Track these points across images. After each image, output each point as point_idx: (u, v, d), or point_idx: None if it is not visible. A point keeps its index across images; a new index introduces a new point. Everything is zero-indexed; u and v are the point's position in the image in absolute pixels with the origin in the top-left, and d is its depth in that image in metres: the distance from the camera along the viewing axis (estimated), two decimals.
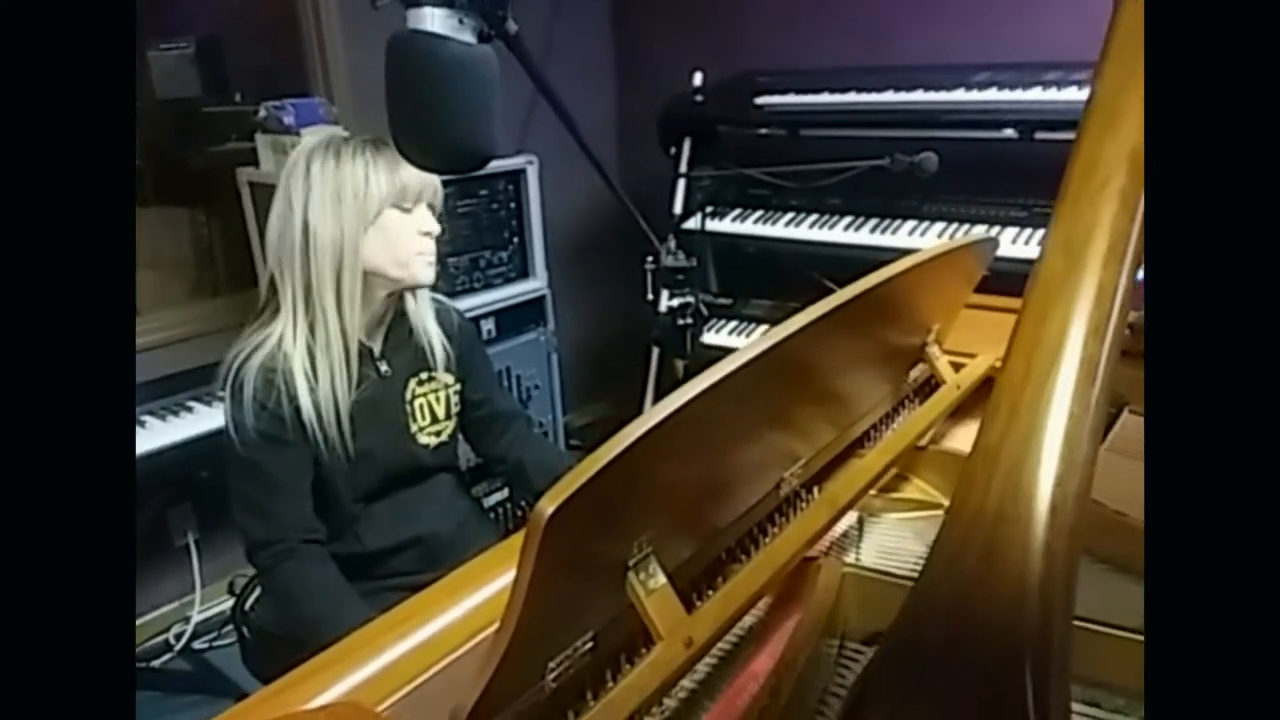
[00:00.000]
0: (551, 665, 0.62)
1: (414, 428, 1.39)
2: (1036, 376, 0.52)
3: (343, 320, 1.25)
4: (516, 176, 2.39)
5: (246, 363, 1.24)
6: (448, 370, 1.43)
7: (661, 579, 0.66)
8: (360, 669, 0.78)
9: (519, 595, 0.54)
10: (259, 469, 1.25)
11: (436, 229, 1.30)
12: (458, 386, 1.45)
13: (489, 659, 0.56)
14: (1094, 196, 0.54)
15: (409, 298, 1.38)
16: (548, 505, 0.52)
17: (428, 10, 0.73)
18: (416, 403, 1.40)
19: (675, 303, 1.66)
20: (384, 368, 1.36)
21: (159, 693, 2.20)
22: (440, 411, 1.42)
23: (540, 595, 0.54)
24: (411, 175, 1.24)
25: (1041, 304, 0.55)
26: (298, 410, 1.23)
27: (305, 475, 1.28)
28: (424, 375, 1.40)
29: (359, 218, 1.23)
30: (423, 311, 1.40)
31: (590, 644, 0.65)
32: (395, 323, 1.38)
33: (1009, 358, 0.55)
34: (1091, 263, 0.53)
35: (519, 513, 2.48)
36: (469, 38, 0.76)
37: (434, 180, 1.28)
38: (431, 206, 1.31)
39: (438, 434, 1.43)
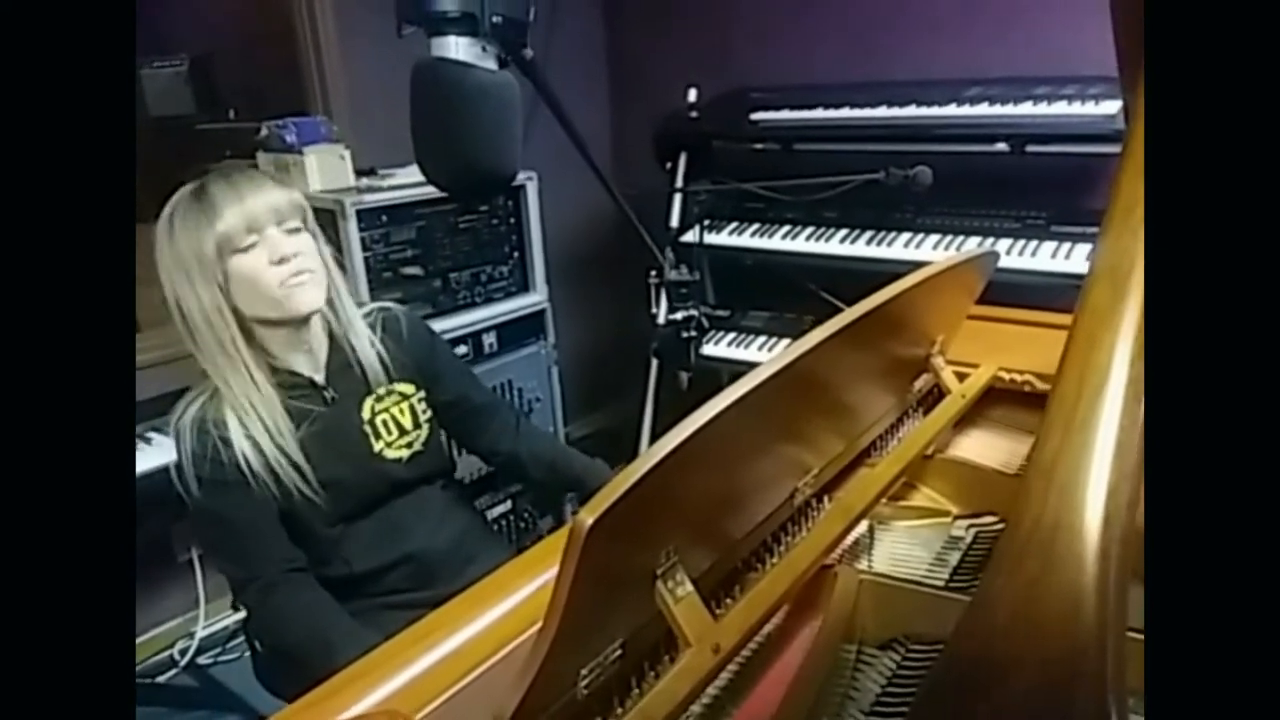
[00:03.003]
0: (584, 672, 0.64)
1: (379, 446, 1.36)
2: (1088, 396, 0.55)
3: (251, 375, 1.22)
4: (516, 192, 2.41)
5: (182, 417, 1.23)
6: (405, 380, 1.40)
7: (689, 587, 0.68)
8: (387, 683, 0.79)
9: (559, 602, 0.56)
10: (217, 515, 1.24)
11: (292, 249, 1.20)
12: (421, 394, 1.42)
13: (527, 667, 0.58)
14: (1136, 231, 0.59)
15: (332, 321, 1.34)
16: (588, 516, 0.54)
17: (452, 39, 0.76)
18: (378, 420, 1.36)
19: (678, 316, 1.70)
20: (330, 394, 1.33)
21: (164, 708, 2.20)
22: (406, 422, 1.39)
23: (578, 603, 0.57)
24: (231, 217, 1.16)
25: (1090, 330, 0.59)
26: (235, 457, 1.21)
27: (266, 512, 1.25)
28: (380, 391, 1.37)
29: (208, 283, 1.18)
30: (347, 329, 1.35)
31: (619, 651, 0.67)
32: (334, 348, 1.35)
33: (1060, 379, 0.59)
34: (1134, 292, 0.58)
35: (521, 525, 2.50)
36: (491, 64, 0.78)
37: (262, 203, 1.18)
38: (283, 225, 1.21)
39: (408, 445, 1.39)
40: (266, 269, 1.19)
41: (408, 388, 1.41)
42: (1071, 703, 0.46)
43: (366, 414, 1.36)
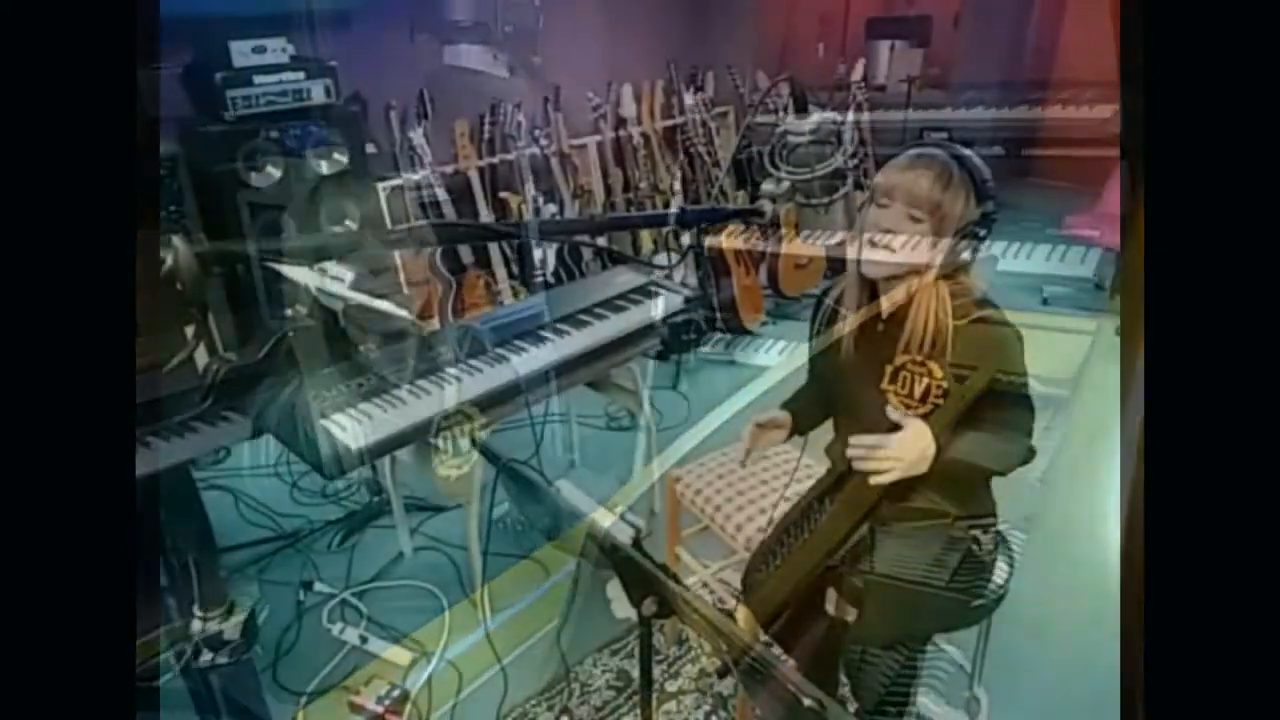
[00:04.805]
0: (599, 667, 0.65)
1: (435, 461, 1.40)
2: (1110, 403, 0.56)
3: (338, 380, 1.25)
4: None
5: (273, 402, 1.24)
6: (474, 404, 1.43)
7: (698, 585, 0.69)
8: (396, 687, 0.80)
9: (575, 597, 0.57)
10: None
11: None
12: (482, 420, 1.45)
13: (548, 660, 0.59)
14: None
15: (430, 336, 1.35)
16: (605, 515, 0.55)
17: (464, 47, 0.76)
18: (440, 437, 1.39)
19: (679, 318, 1.70)
20: (412, 408, 1.33)
21: (160, 712, 2.18)
22: (464, 444, 1.42)
23: (593, 598, 0.58)
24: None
25: (1112, 339, 0.60)
26: (312, 448, 1.23)
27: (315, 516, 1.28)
28: (451, 410, 1.41)
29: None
30: (438, 345, 1.36)
31: (634, 645, 0.68)
32: (420, 359, 1.37)
33: (1080, 387, 0.60)
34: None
35: (519, 528, 2.50)
36: (502, 72, 0.79)
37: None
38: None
39: (459, 467, 1.43)
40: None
41: (473, 410, 1.42)
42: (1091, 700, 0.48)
43: (433, 430, 1.37)
